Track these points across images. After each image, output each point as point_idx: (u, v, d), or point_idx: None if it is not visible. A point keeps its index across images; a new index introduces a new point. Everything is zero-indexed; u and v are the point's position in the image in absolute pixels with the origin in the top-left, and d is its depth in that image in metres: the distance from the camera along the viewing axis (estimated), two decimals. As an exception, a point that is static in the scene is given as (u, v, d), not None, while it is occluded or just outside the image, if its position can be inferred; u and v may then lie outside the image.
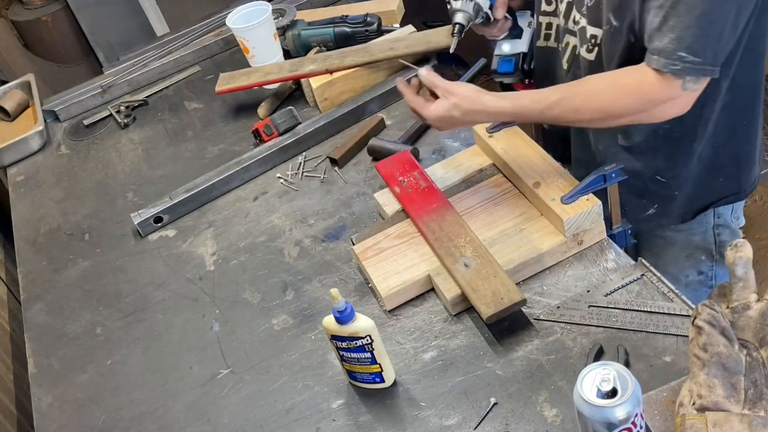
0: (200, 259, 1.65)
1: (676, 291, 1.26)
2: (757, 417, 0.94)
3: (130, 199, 1.89)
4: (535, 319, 1.29)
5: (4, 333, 1.90)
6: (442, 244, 1.39)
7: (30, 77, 2.36)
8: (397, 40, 1.92)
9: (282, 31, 2.09)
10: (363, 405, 1.26)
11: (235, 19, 2.04)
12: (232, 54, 2.30)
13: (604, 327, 1.24)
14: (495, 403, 1.18)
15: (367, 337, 1.18)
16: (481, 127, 1.58)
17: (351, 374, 1.26)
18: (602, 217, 1.37)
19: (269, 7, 2.02)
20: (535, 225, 1.40)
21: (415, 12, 2.49)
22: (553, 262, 1.37)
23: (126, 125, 2.15)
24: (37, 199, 1.99)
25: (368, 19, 2.03)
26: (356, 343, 1.19)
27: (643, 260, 1.32)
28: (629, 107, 1.27)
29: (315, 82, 1.90)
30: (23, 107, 2.33)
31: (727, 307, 1.05)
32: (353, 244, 1.48)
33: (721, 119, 1.39)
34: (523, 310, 1.30)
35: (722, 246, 1.58)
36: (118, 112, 2.19)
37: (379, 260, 1.42)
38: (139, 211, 1.76)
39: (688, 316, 1.19)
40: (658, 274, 1.29)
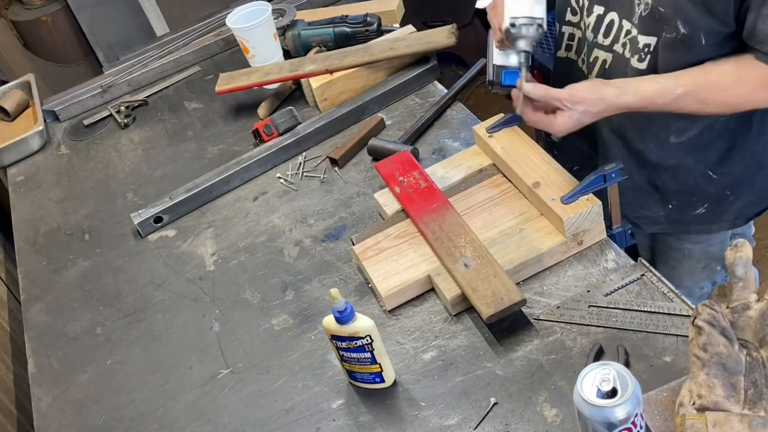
0: (200, 259, 1.65)
1: (676, 291, 1.26)
2: (757, 417, 0.94)
3: (130, 199, 1.89)
4: (535, 319, 1.29)
5: (4, 333, 1.90)
6: (442, 244, 1.39)
7: (30, 77, 2.36)
8: (397, 40, 1.92)
9: (282, 31, 2.09)
10: (363, 405, 1.26)
11: (235, 19, 2.04)
12: (232, 54, 2.30)
13: (604, 327, 1.24)
14: (495, 403, 1.18)
15: (367, 337, 1.18)
16: (481, 127, 1.58)
17: (351, 374, 1.26)
18: (602, 217, 1.37)
19: (269, 7, 2.02)
20: (535, 225, 1.40)
21: (415, 12, 2.49)
22: (553, 262, 1.37)
23: (126, 125, 2.15)
24: (37, 199, 1.99)
25: (368, 19, 2.02)
26: (356, 343, 1.19)
27: (643, 260, 1.32)
28: (761, 101, 1.30)
29: (315, 82, 1.90)
30: (23, 107, 2.33)
31: (727, 307, 1.05)
32: (353, 244, 1.48)
33: None
34: (523, 310, 1.30)
35: None
36: (118, 112, 2.19)
37: (379, 260, 1.42)
38: (139, 211, 1.76)
39: (688, 316, 1.19)
40: (658, 274, 1.29)
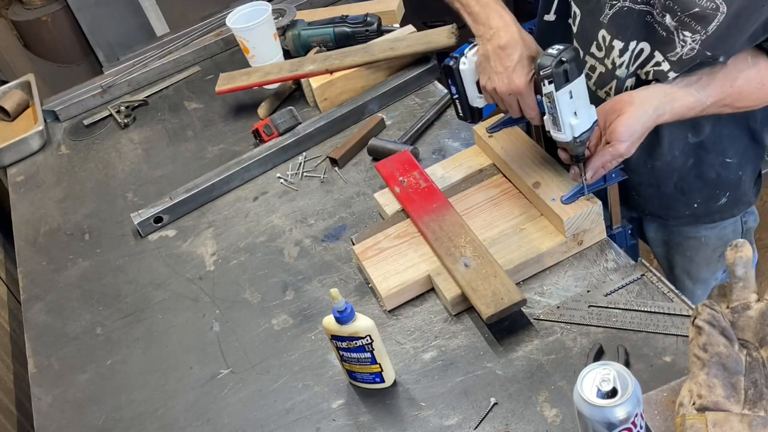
0: (200, 259, 1.65)
1: (676, 291, 1.26)
2: (757, 417, 0.94)
3: (130, 199, 1.89)
4: (535, 319, 1.29)
5: (4, 333, 1.90)
6: (442, 244, 1.39)
7: (30, 77, 2.36)
8: (397, 40, 1.92)
9: (282, 31, 2.09)
10: (363, 405, 1.26)
11: (235, 19, 2.04)
12: (232, 54, 2.30)
13: (604, 327, 1.24)
14: (495, 403, 1.18)
15: (367, 337, 1.18)
16: (481, 127, 1.58)
17: (351, 374, 1.26)
18: (602, 218, 1.37)
19: (269, 7, 2.02)
20: (535, 225, 1.40)
21: (415, 12, 2.49)
22: (553, 262, 1.37)
23: (126, 125, 2.15)
24: (37, 199, 1.99)
25: (368, 19, 2.02)
26: (356, 343, 1.19)
27: (643, 260, 1.32)
28: None
29: (315, 82, 1.90)
30: (23, 107, 2.33)
31: (727, 307, 1.05)
32: (353, 244, 1.48)
33: None
34: (523, 310, 1.30)
35: (748, 233, 1.60)
36: (118, 112, 2.19)
37: (379, 260, 1.42)
38: (139, 211, 1.76)
39: (688, 316, 1.19)
40: (658, 274, 1.29)
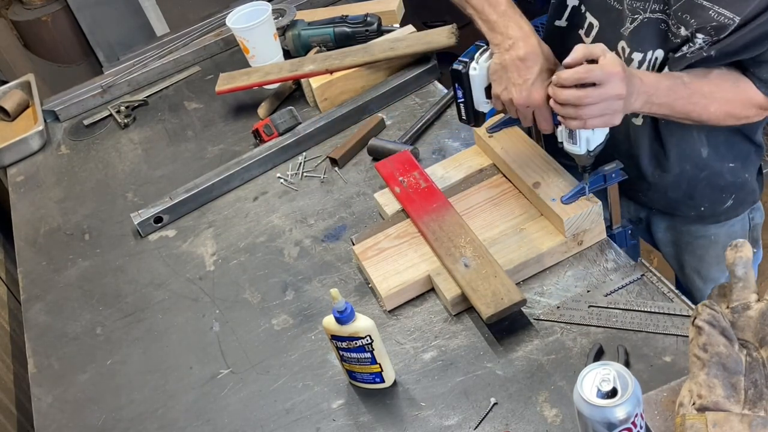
0: (200, 259, 1.65)
1: (676, 291, 1.26)
2: (757, 417, 0.94)
3: (130, 199, 1.89)
4: (535, 319, 1.29)
5: (4, 333, 1.90)
6: (442, 244, 1.39)
7: (30, 77, 2.36)
8: (397, 40, 1.92)
9: (282, 31, 2.09)
10: (363, 405, 1.26)
11: (235, 19, 2.03)
12: (232, 54, 2.30)
13: (604, 327, 1.24)
14: (495, 403, 1.18)
15: (367, 337, 1.18)
16: (481, 128, 1.58)
17: (351, 374, 1.26)
18: (602, 218, 1.37)
19: (269, 7, 2.02)
20: (535, 225, 1.40)
21: (415, 12, 2.49)
22: (553, 262, 1.37)
23: (126, 125, 2.15)
24: (37, 199, 1.99)
25: (368, 19, 2.02)
26: (356, 343, 1.19)
27: (643, 260, 1.32)
28: (750, 117, 1.35)
29: (315, 82, 1.90)
30: (23, 107, 2.33)
31: (727, 307, 1.05)
32: (353, 244, 1.48)
33: None
34: (523, 310, 1.30)
35: (755, 230, 1.60)
36: (118, 112, 2.19)
37: (379, 260, 1.42)
38: (139, 211, 1.76)
39: (688, 316, 1.19)
40: (658, 274, 1.29)
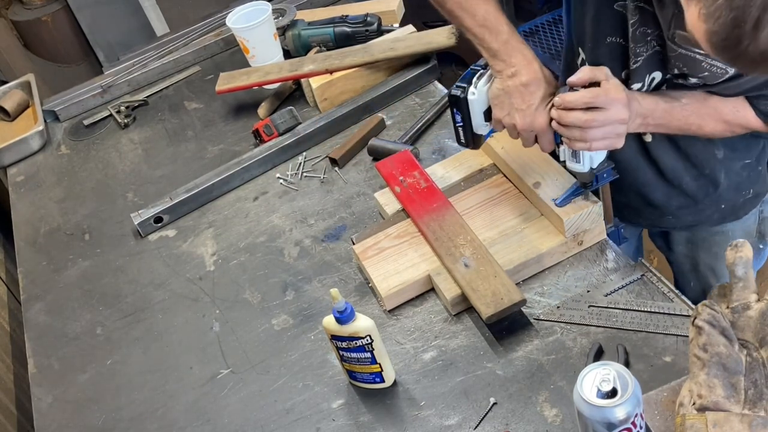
0: (200, 259, 1.65)
1: (676, 291, 1.26)
2: (757, 417, 0.94)
3: (130, 199, 1.89)
4: (535, 319, 1.29)
5: (4, 333, 1.90)
6: (442, 244, 1.39)
7: (30, 77, 2.36)
8: (397, 40, 1.92)
9: (282, 31, 2.09)
10: (363, 405, 1.26)
11: (235, 19, 2.03)
12: (232, 54, 2.30)
13: (604, 327, 1.24)
14: (495, 403, 1.18)
15: (367, 337, 1.18)
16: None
17: (351, 374, 1.26)
18: (602, 218, 1.37)
19: (269, 7, 2.02)
20: (535, 225, 1.40)
21: (415, 12, 2.49)
22: (553, 263, 1.37)
23: (126, 125, 2.15)
24: (37, 199, 1.99)
25: (368, 19, 2.02)
26: (356, 343, 1.19)
27: (643, 260, 1.32)
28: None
29: (315, 82, 1.90)
30: (23, 107, 2.33)
31: (727, 307, 1.05)
32: (353, 244, 1.48)
33: None
34: (523, 310, 1.30)
35: (763, 223, 1.60)
36: (118, 112, 2.19)
37: (379, 260, 1.42)
38: (139, 211, 1.76)
39: (688, 316, 1.19)
40: (658, 274, 1.29)
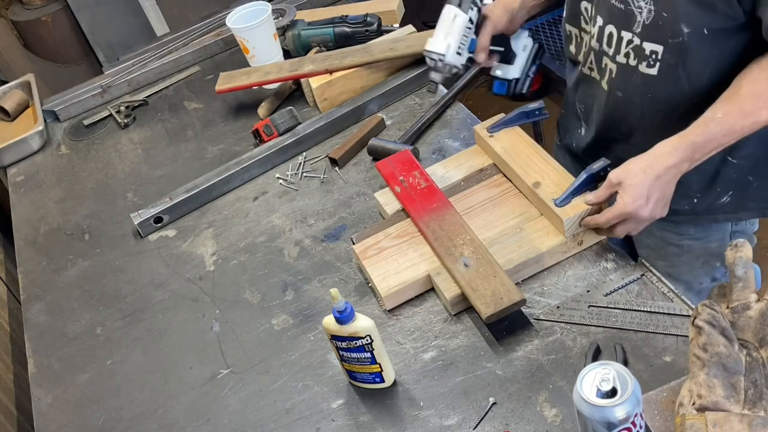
0: (200, 259, 1.65)
1: (676, 291, 1.26)
2: (757, 417, 0.94)
3: (130, 199, 1.89)
4: (535, 319, 1.29)
5: (4, 333, 1.90)
6: (442, 244, 1.39)
7: (30, 77, 2.36)
8: (397, 40, 1.92)
9: (282, 31, 2.09)
10: (363, 405, 1.26)
11: (235, 19, 2.04)
12: (232, 54, 2.30)
13: (604, 327, 1.24)
14: (494, 403, 1.18)
15: (367, 337, 1.18)
16: (481, 127, 1.58)
17: (351, 374, 1.26)
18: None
19: (269, 7, 2.02)
20: (535, 225, 1.40)
21: (415, 12, 2.50)
22: (553, 262, 1.37)
23: (126, 125, 2.15)
24: (37, 199, 1.99)
25: (368, 19, 2.03)
26: (356, 343, 1.19)
27: (644, 260, 1.32)
28: None
29: (315, 82, 1.90)
30: (23, 107, 2.33)
31: (727, 307, 1.05)
32: (353, 244, 1.48)
33: None
34: (523, 310, 1.30)
35: None
36: (118, 112, 2.19)
37: (379, 260, 1.42)
38: (139, 211, 1.76)
39: (688, 316, 1.19)
40: (658, 274, 1.29)
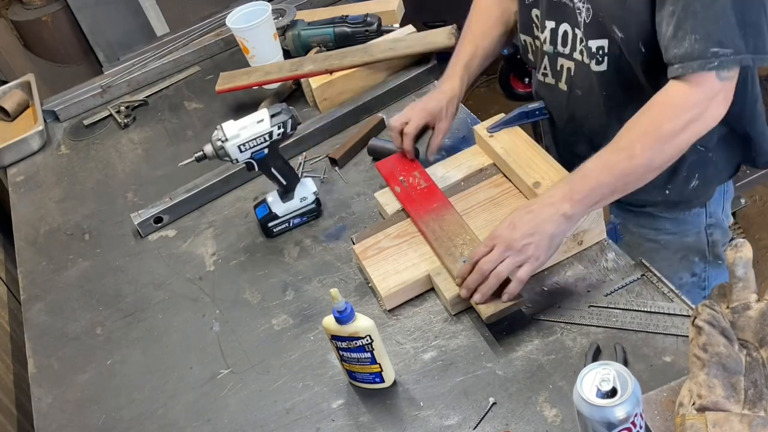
0: (200, 259, 1.65)
1: (676, 291, 1.26)
2: (757, 417, 0.94)
3: (130, 199, 1.89)
4: (535, 319, 1.29)
5: (4, 333, 1.90)
6: (442, 244, 1.39)
7: (30, 77, 2.36)
8: (397, 40, 1.92)
9: (282, 31, 2.09)
10: (363, 405, 1.26)
11: (235, 19, 2.04)
12: (232, 54, 2.30)
13: (604, 327, 1.24)
14: (494, 403, 1.18)
15: (367, 337, 1.18)
16: (482, 127, 1.58)
17: (351, 374, 1.26)
18: (602, 218, 1.37)
19: (269, 7, 2.02)
20: (535, 225, 1.40)
21: (415, 12, 2.49)
22: (553, 262, 1.37)
23: (126, 125, 2.15)
24: (37, 199, 1.99)
25: (368, 19, 2.03)
26: (356, 343, 1.19)
27: (644, 260, 1.32)
28: (678, 124, 1.22)
29: (315, 82, 1.90)
30: (23, 107, 2.33)
31: (727, 307, 1.05)
32: (353, 244, 1.48)
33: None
34: (523, 310, 1.30)
35: (715, 246, 1.58)
36: (118, 112, 2.19)
37: (379, 260, 1.42)
38: (139, 211, 1.76)
39: (688, 316, 1.19)
40: (659, 274, 1.29)
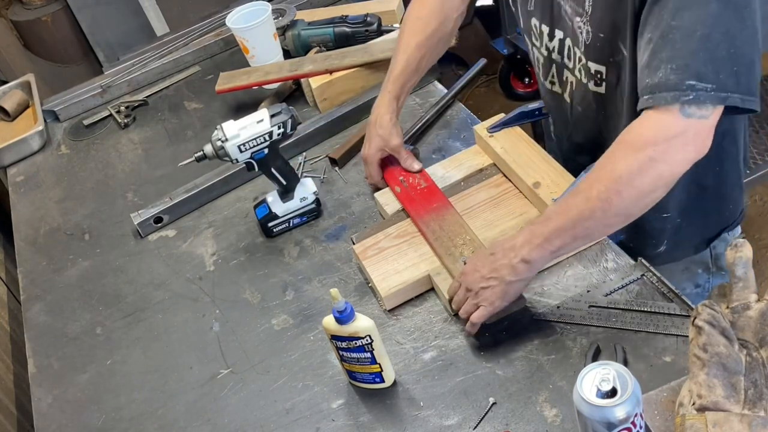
0: (200, 259, 1.65)
1: (676, 291, 1.26)
2: (757, 417, 0.94)
3: (130, 199, 1.89)
4: (535, 319, 1.29)
5: (4, 333, 1.90)
6: (442, 244, 1.39)
7: (30, 77, 2.36)
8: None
9: (282, 31, 2.09)
10: (363, 405, 1.26)
11: (235, 19, 2.03)
12: (232, 54, 2.30)
13: (604, 327, 1.24)
14: (494, 403, 1.18)
15: (367, 337, 1.18)
16: (482, 127, 1.58)
17: (351, 374, 1.26)
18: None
19: (269, 7, 2.02)
20: (535, 225, 1.40)
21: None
22: (553, 262, 1.37)
23: (126, 125, 2.15)
24: (37, 199, 1.99)
25: (368, 19, 2.03)
26: (356, 343, 1.19)
27: (643, 260, 1.32)
28: (634, 164, 1.08)
29: (314, 82, 1.90)
30: (23, 107, 2.33)
31: (727, 307, 1.05)
32: (353, 244, 1.48)
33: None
34: (523, 310, 1.30)
35: (718, 259, 1.55)
36: (118, 112, 2.19)
37: (379, 260, 1.42)
38: (139, 211, 1.76)
39: (688, 316, 1.19)
40: (658, 275, 1.29)
